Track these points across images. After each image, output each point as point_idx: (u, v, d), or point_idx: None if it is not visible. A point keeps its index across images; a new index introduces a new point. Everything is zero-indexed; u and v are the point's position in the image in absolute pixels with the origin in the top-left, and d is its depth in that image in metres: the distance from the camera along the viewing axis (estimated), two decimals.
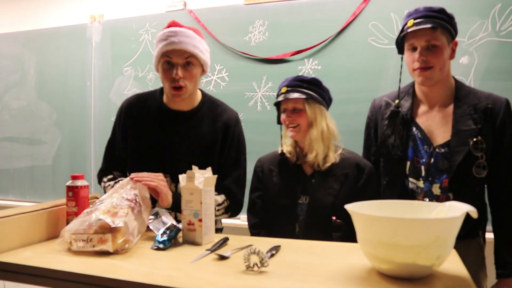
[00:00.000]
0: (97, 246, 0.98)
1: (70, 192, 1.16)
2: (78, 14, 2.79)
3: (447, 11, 1.26)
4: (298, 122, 1.39)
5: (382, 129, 1.38)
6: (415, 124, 1.34)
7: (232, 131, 1.38)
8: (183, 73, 1.27)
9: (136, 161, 1.37)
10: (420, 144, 1.32)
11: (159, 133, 1.36)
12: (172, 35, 1.26)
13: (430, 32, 1.23)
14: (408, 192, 1.33)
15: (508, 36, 1.87)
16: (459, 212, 0.81)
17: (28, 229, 1.09)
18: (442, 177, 1.28)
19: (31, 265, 0.92)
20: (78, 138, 2.68)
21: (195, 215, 1.10)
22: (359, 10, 2.09)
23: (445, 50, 1.25)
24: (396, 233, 0.78)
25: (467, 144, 1.24)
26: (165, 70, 1.29)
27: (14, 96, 2.86)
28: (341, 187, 1.36)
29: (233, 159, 1.38)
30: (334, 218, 1.32)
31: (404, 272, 0.81)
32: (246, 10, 2.32)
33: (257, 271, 0.87)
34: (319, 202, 1.36)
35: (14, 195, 2.85)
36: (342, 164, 1.39)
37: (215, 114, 1.39)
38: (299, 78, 1.42)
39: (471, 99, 1.28)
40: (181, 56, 1.26)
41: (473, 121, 1.25)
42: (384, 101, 1.41)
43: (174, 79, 1.26)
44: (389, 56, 2.03)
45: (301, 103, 1.39)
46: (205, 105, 1.40)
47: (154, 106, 1.38)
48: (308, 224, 1.36)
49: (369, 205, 0.97)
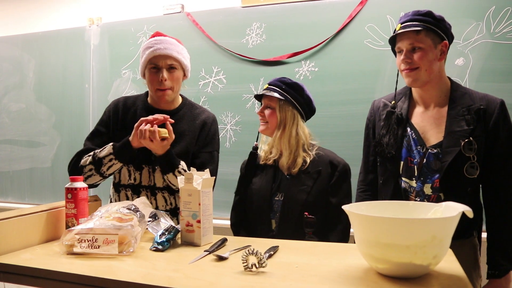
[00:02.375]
0: (102, 247, 0.98)
1: (69, 194, 1.16)
2: (76, 17, 2.80)
3: (434, 14, 1.28)
4: (267, 120, 1.46)
5: (379, 129, 1.40)
6: (410, 125, 1.35)
7: (209, 128, 1.51)
8: (168, 76, 1.42)
9: None
10: (413, 144, 1.33)
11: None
12: (158, 43, 1.43)
13: (413, 35, 1.27)
14: (401, 192, 1.35)
15: (502, 38, 1.88)
16: (455, 212, 0.82)
17: (28, 231, 1.10)
18: (434, 177, 1.29)
19: (31, 266, 0.93)
20: (77, 140, 2.67)
21: (193, 216, 1.11)
22: (355, 12, 2.11)
23: (430, 52, 1.27)
24: (393, 233, 0.79)
25: (458, 145, 1.25)
26: (151, 74, 1.43)
27: (13, 98, 2.86)
28: (314, 184, 1.40)
29: (208, 154, 1.50)
30: (306, 214, 1.36)
31: (401, 272, 0.82)
32: (243, 12, 2.33)
33: (255, 272, 0.88)
34: (292, 198, 1.40)
35: (13, 197, 2.85)
36: (316, 162, 1.43)
37: (194, 114, 1.53)
38: (283, 79, 1.48)
39: (465, 100, 1.29)
40: (166, 61, 1.42)
41: (465, 122, 1.27)
42: (382, 103, 1.44)
43: (161, 82, 1.41)
44: (385, 58, 2.04)
45: (274, 102, 1.45)
46: (185, 106, 1.54)
47: (141, 106, 1.51)
48: (283, 221, 1.40)
49: (366, 206, 0.98)
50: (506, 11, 1.87)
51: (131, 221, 1.04)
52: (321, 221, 1.38)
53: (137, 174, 1.44)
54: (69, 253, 1.00)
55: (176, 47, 1.45)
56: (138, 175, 1.44)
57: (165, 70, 1.41)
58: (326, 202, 1.40)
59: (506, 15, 1.87)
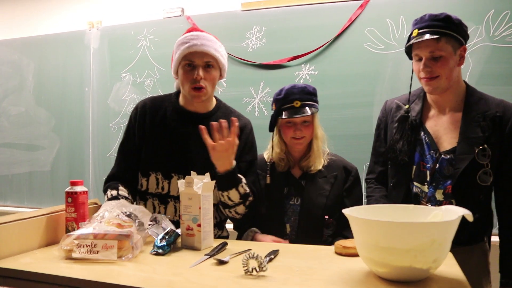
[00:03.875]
0: (101, 252, 0.98)
1: (69, 198, 1.16)
2: (76, 20, 2.81)
3: (452, 18, 1.23)
4: (305, 134, 1.43)
5: (391, 132, 1.37)
6: (424, 129, 1.33)
7: (247, 136, 1.41)
8: (204, 74, 1.30)
9: (151, 161, 1.37)
10: (426, 149, 1.31)
11: (174, 133, 1.37)
12: (194, 38, 1.30)
13: (433, 43, 1.21)
14: (412, 196, 1.33)
15: (501, 41, 1.89)
16: (455, 216, 0.82)
17: (27, 235, 1.10)
18: (446, 183, 1.27)
19: (31, 270, 0.92)
20: (76, 143, 2.68)
21: (193, 220, 1.11)
22: (355, 16, 2.12)
23: (451, 59, 1.23)
24: (392, 237, 0.79)
25: (472, 152, 1.23)
26: (186, 72, 1.31)
27: (12, 102, 2.86)
28: (331, 188, 1.43)
29: (248, 163, 1.40)
30: (327, 217, 1.39)
31: (401, 276, 0.82)
32: (243, 16, 2.34)
33: (256, 276, 0.88)
34: (312, 202, 1.41)
35: (12, 201, 2.85)
36: (331, 167, 1.46)
37: (229, 119, 1.36)
38: (307, 90, 1.43)
39: (481, 106, 1.27)
40: (203, 58, 1.29)
41: (480, 128, 1.24)
42: (395, 104, 1.40)
43: (195, 80, 1.29)
44: (385, 61, 2.05)
45: (311, 117, 1.43)
46: (220, 109, 1.43)
47: (170, 107, 1.40)
48: (302, 224, 1.41)
49: (366, 210, 0.98)
50: (505, 14, 1.88)
51: (130, 228, 1.04)
52: (339, 224, 1.40)
53: (165, 183, 1.35)
54: (68, 258, 1.00)
55: (214, 43, 1.32)
56: (167, 184, 1.35)
57: (201, 68, 1.29)
58: (341, 205, 1.40)
59: (505, 19, 1.88)
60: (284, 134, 1.45)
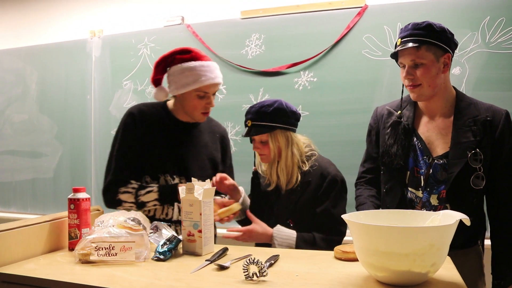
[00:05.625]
0: (120, 254, 1.01)
1: (72, 205, 1.17)
2: (78, 29, 2.84)
3: (434, 26, 1.24)
4: (265, 152, 1.46)
5: (384, 138, 1.38)
6: (416, 135, 1.34)
7: (227, 141, 1.62)
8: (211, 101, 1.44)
9: (153, 165, 1.43)
10: (420, 154, 1.32)
11: (172, 140, 1.46)
12: (207, 71, 1.39)
13: (414, 51, 1.24)
14: (407, 202, 1.34)
15: (497, 48, 1.91)
16: (452, 220, 0.83)
17: (31, 242, 1.11)
18: (440, 188, 1.28)
19: (34, 276, 0.94)
20: (78, 150, 2.70)
21: (194, 226, 1.12)
22: (353, 23, 2.14)
23: (433, 67, 1.24)
24: (391, 241, 0.80)
25: (465, 156, 1.24)
26: (197, 99, 1.41)
27: (16, 110, 2.89)
28: (301, 194, 1.43)
29: (229, 166, 1.63)
30: (289, 221, 1.43)
31: (400, 280, 0.83)
32: (243, 24, 2.36)
33: (256, 281, 0.89)
34: (282, 208, 1.46)
35: (16, 208, 2.86)
36: (308, 174, 1.44)
37: (210, 126, 1.58)
38: (262, 110, 1.42)
39: (471, 110, 1.28)
40: (214, 89, 1.43)
41: (472, 133, 1.25)
42: (386, 110, 1.42)
43: (207, 107, 1.43)
44: (383, 68, 2.07)
45: (265, 136, 1.44)
46: None
47: (164, 116, 1.48)
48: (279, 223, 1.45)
49: (365, 215, 0.99)
50: (500, 21, 1.91)
51: (141, 231, 1.07)
52: (305, 229, 1.42)
53: (169, 210, 1.44)
54: (84, 262, 1.02)
55: (219, 71, 1.44)
56: (171, 210, 1.44)
57: (211, 96, 1.42)
58: (311, 212, 1.42)
59: (500, 25, 1.91)
60: (255, 150, 1.51)
